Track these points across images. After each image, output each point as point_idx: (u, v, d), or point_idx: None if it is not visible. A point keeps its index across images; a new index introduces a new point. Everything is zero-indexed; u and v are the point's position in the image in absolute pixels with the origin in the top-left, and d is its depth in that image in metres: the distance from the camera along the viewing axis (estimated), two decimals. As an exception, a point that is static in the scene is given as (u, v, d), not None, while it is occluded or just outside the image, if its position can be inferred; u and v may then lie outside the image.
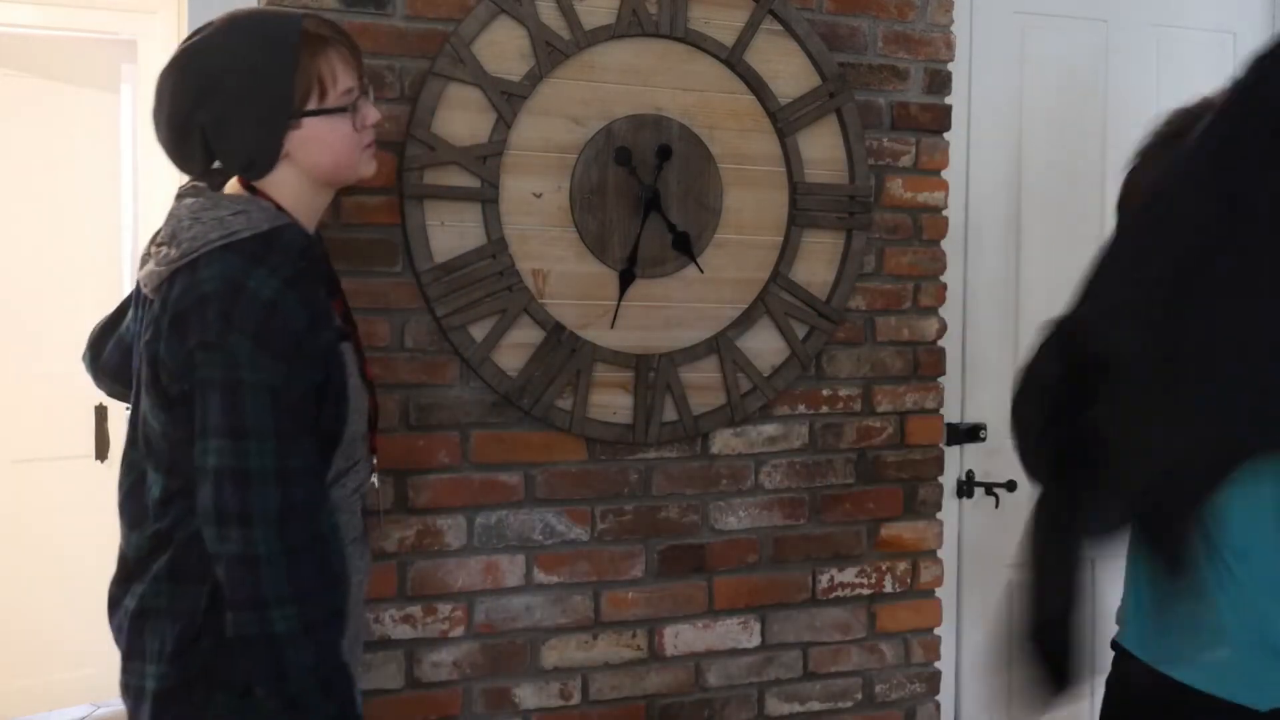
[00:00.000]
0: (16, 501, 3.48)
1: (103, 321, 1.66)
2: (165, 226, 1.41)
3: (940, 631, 2.42)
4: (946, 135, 2.38)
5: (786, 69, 2.22)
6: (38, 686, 3.48)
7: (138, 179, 3.38)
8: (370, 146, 1.51)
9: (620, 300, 2.12)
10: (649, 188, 2.11)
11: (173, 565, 1.38)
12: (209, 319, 1.30)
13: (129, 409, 1.49)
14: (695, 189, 2.16)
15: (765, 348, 2.23)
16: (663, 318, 2.16)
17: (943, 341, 2.40)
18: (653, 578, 2.18)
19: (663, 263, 2.15)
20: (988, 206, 2.57)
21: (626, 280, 2.11)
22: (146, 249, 1.45)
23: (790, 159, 2.22)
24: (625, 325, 2.13)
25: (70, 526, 3.41)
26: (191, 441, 1.33)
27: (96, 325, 1.66)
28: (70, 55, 3.55)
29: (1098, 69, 2.67)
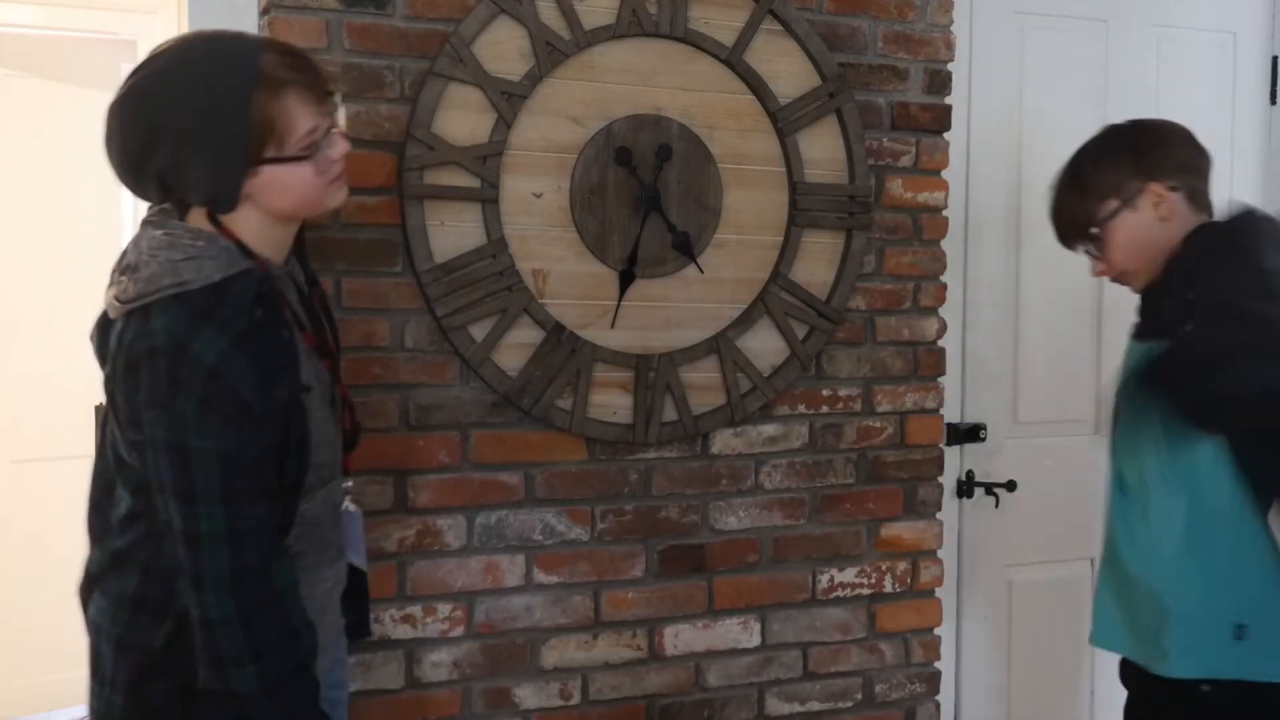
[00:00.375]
0: (16, 501, 3.48)
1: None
2: (130, 251, 1.39)
3: (940, 631, 2.42)
4: (946, 135, 2.38)
5: (786, 69, 2.22)
6: (38, 686, 3.48)
7: (138, 179, 3.38)
8: (339, 179, 1.44)
9: (620, 300, 2.12)
10: (649, 188, 2.11)
11: (137, 592, 1.38)
12: (158, 375, 1.28)
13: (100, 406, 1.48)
14: (695, 189, 2.16)
15: (765, 348, 2.23)
16: (663, 318, 2.16)
17: (943, 341, 2.40)
18: (653, 578, 2.17)
19: (663, 263, 2.15)
20: (988, 206, 2.57)
21: (626, 280, 2.11)
22: (114, 267, 1.42)
23: (790, 159, 2.22)
24: (625, 325, 2.13)
25: (70, 526, 3.34)
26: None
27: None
28: (70, 55, 3.55)
29: (1098, 69, 2.67)
